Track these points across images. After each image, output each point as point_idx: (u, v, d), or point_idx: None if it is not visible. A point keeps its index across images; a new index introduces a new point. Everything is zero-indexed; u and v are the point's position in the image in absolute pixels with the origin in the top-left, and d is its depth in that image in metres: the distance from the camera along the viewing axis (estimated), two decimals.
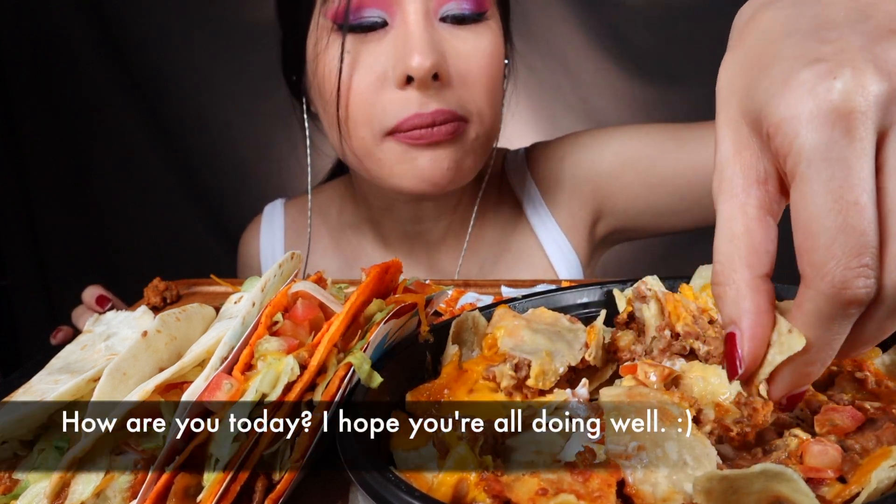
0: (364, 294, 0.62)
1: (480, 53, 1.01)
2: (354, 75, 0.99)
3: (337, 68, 0.99)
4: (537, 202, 1.26)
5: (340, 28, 0.98)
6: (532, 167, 1.29)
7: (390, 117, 0.98)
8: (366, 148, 1.03)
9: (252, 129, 2.31)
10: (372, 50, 0.98)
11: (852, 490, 0.44)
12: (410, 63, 0.93)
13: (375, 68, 0.98)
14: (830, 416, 0.51)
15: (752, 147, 0.43)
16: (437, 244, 1.26)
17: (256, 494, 0.53)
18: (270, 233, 1.39)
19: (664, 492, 0.45)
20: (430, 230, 1.25)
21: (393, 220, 1.25)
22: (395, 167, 1.02)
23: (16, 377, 0.70)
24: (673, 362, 0.61)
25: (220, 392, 0.52)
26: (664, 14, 2.09)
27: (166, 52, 2.23)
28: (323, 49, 1.01)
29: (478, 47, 1.00)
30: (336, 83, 0.99)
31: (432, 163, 1.00)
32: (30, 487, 0.54)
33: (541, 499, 0.44)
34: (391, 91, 0.98)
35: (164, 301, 1.05)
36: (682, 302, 0.64)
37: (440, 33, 0.98)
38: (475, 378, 0.63)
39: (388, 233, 1.27)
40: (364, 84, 0.98)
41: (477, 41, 1.01)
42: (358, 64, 0.99)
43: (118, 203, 2.38)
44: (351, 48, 0.98)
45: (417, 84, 0.96)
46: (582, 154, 1.24)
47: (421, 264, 1.28)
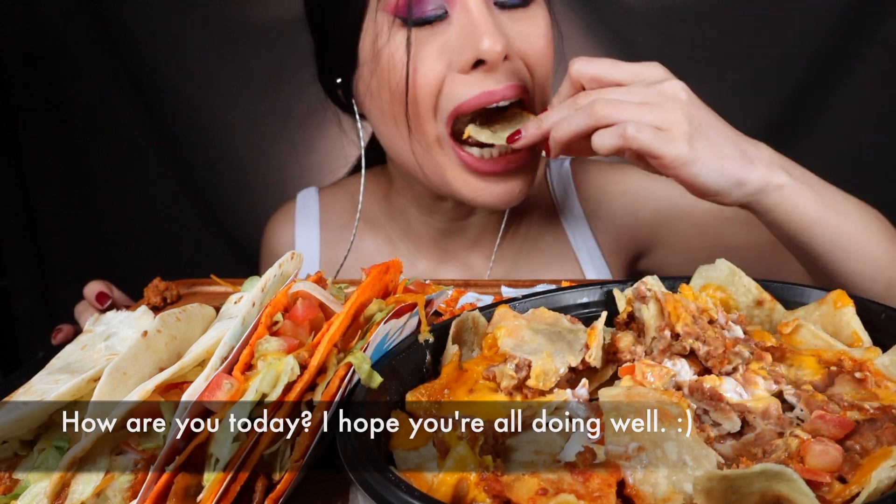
0: (364, 294, 0.62)
1: (538, 34, 1.04)
2: (420, 66, 0.99)
3: (403, 61, 0.99)
4: (580, 220, 1.28)
5: (403, 22, 0.99)
6: (579, 185, 1.30)
7: (455, 99, 0.99)
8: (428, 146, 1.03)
9: (252, 129, 2.31)
10: (436, 41, 0.99)
11: (852, 490, 0.44)
12: (481, 47, 0.95)
13: (441, 58, 0.99)
14: (817, 425, 0.51)
15: None
16: (471, 242, 1.27)
17: (256, 494, 0.53)
18: (305, 221, 1.38)
19: (664, 492, 0.45)
20: (467, 227, 1.25)
21: (432, 218, 1.25)
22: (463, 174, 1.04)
23: (16, 377, 0.70)
24: (674, 363, 0.61)
25: (220, 392, 0.52)
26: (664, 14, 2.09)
27: (166, 52, 2.23)
28: (384, 44, 1.01)
29: (533, 30, 1.03)
30: (404, 76, 0.99)
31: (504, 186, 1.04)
32: (30, 487, 0.54)
33: (541, 499, 0.44)
34: (455, 76, 0.99)
35: (164, 301, 1.04)
36: (682, 302, 0.63)
37: (498, 18, 1.00)
38: (475, 378, 0.63)
39: (423, 228, 1.27)
40: (431, 73, 0.99)
41: (532, 24, 1.03)
42: (424, 55, 0.99)
43: (118, 203, 2.38)
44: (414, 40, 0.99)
45: (488, 66, 0.97)
46: (648, 201, 1.25)
47: (454, 262, 1.28)
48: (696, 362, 0.61)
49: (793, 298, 0.71)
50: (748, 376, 0.58)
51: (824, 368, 0.60)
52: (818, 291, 0.69)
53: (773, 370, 0.60)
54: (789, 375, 0.60)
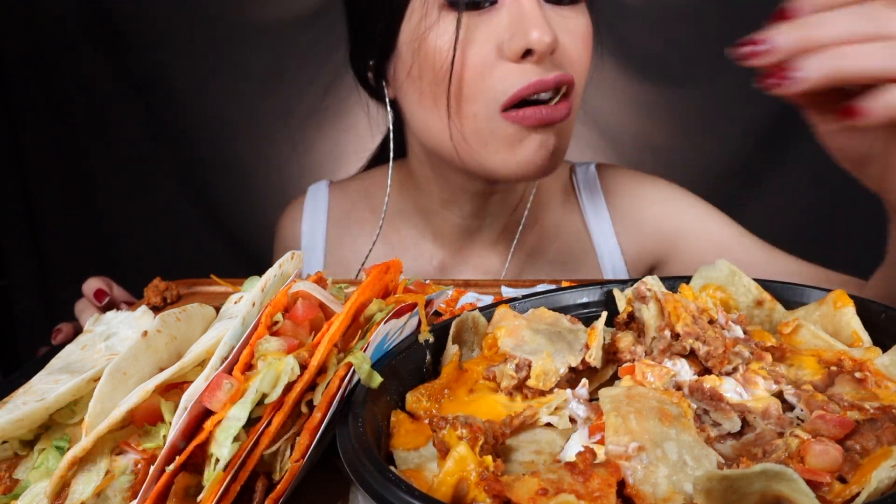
0: (364, 294, 0.62)
1: (581, 32, 1.05)
2: (468, 50, 1.00)
3: (450, 44, 1.00)
4: (605, 223, 1.29)
5: (451, 5, 0.99)
6: (606, 189, 1.31)
7: (509, 85, 1.00)
8: (475, 126, 1.03)
9: (252, 129, 2.31)
10: (485, 26, 1.00)
11: (852, 490, 0.44)
12: (531, 37, 0.96)
13: (489, 43, 1.00)
14: (817, 425, 0.51)
15: None
16: (489, 241, 1.28)
17: (257, 494, 0.53)
18: (313, 215, 1.39)
19: (664, 492, 0.45)
20: (486, 227, 1.26)
21: (453, 213, 1.25)
22: (499, 150, 1.04)
23: (16, 377, 0.70)
24: (674, 363, 0.61)
25: (221, 392, 0.52)
26: (664, 14, 2.09)
27: (167, 52, 2.23)
28: (431, 26, 1.01)
29: (579, 27, 1.05)
30: (450, 59, 1.00)
31: (540, 145, 1.03)
32: (30, 487, 0.54)
33: (541, 499, 0.44)
34: (505, 64, 1.00)
35: (164, 301, 1.04)
36: (682, 302, 0.63)
37: (546, 11, 1.01)
38: (475, 378, 0.63)
39: (442, 226, 1.27)
40: (479, 58, 1.00)
41: (578, 21, 1.05)
42: (471, 39, 1.00)
43: (118, 203, 2.38)
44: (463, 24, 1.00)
45: (537, 57, 0.98)
46: (675, 214, 1.28)
47: (471, 260, 1.29)
48: (696, 362, 0.61)
49: (793, 298, 0.71)
50: (748, 376, 0.58)
51: (824, 368, 0.60)
52: (818, 291, 0.69)
53: (773, 370, 0.60)
54: (789, 375, 0.60)
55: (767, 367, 0.60)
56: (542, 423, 0.58)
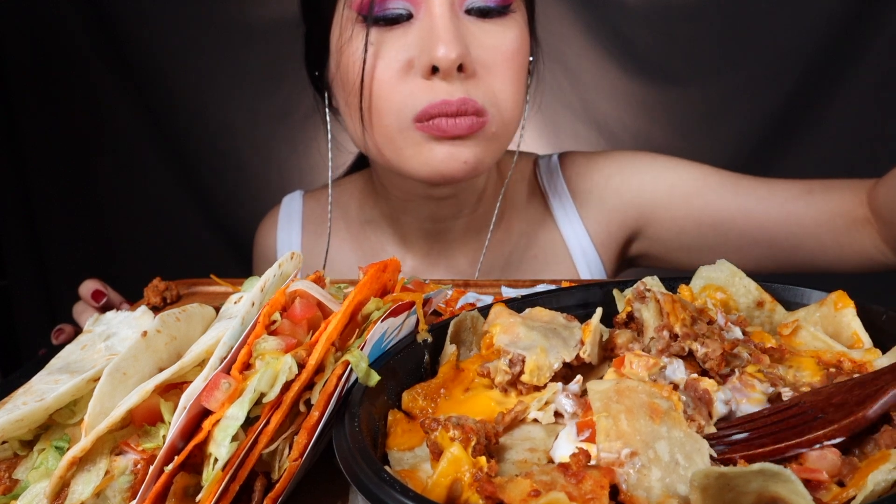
0: (361, 293, 0.62)
1: (505, 46, 1.02)
2: (378, 64, 1.00)
3: (361, 58, 1.00)
4: (570, 212, 1.27)
5: (366, 20, 1.00)
6: (568, 177, 1.29)
7: (418, 102, 0.99)
8: (388, 136, 1.04)
9: (252, 129, 2.31)
10: (396, 41, 1.00)
11: (849, 493, 0.44)
12: (436, 53, 0.95)
13: (399, 58, 1.00)
14: None
15: None
16: (456, 243, 1.27)
17: (255, 494, 0.53)
18: (288, 225, 1.39)
19: (658, 496, 0.45)
20: (450, 229, 1.25)
21: (412, 217, 1.25)
22: (413, 156, 1.03)
23: (16, 377, 0.70)
24: (672, 363, 0.60)
25: (219, 391, 0.52)
26: (664, 14, 2.09)
27: (167, 52, 2.23)
28: (347, 40, 1.02)
29: (502, 41, 1.02)
30: (360, 73, 1.01)
31: (449, 156, 1.02)
32: (30, 487, 0.54)
33: (533, 500, 0.44)
34: (416, 80, 1.00)
35: (164, 301, 1.04)
36: (682, 303, 0.63)
37: (466, 25, 1.00)
38: (471, 377, 0.63)
39: (408, 230, 1.27)
40: (388, 73, 1.00)
41: (501, 34, 1.02)
42: (382, 54, 1.00)
43: (118, 203, 2.38)
44: (375, 39, 1.00)
45: (443, 74, 0.98)
46: (633, 177, 1.25)
47: (440, 263, 1.28)
48: (695, 364, 0.61)
49: (793, 299, 0.71)
50: (745, 380, 0.58)
51: (823, 370, 0.60)
52: (819, 293, 0.69)
53: (771, 372, 0.59)
54: (788, 377, 0.60)
55: (765, 369, 0.60)
56: (531, 419, 0.58)
